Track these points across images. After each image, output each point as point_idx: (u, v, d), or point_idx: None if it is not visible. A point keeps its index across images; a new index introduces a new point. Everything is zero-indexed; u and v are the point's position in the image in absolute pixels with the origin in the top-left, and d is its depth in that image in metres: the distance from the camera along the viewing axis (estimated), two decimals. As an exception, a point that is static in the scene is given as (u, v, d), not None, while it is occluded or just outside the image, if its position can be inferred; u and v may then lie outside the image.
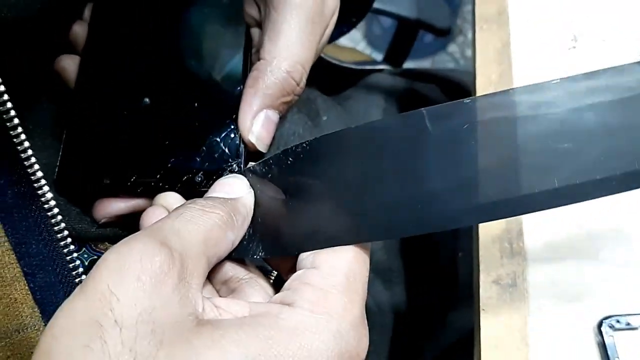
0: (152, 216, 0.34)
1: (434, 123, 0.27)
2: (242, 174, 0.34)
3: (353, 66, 0.71)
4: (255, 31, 0.41)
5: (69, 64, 0.39)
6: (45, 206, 0.33)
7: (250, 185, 0.33)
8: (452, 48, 1.67)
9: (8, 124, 0.31)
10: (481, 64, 0.46)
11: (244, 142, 0.36)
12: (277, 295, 0.29)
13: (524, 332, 0.36)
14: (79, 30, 0.41)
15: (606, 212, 0.40)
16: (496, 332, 0.36)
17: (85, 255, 0.40)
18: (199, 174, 0.35)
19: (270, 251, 0.31)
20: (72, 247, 0.34)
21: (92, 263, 0.40)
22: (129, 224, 0.35)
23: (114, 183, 0.36)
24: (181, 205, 0.30)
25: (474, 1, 0.51)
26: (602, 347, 0.35)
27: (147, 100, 0.38)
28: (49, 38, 0.40)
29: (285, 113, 0.39)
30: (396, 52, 0.90)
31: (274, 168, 0.32)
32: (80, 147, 0.37)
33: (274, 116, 0.37)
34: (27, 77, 0.40)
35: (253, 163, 0.34)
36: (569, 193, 0.25)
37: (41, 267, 0.33)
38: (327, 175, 0.30)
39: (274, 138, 0.38)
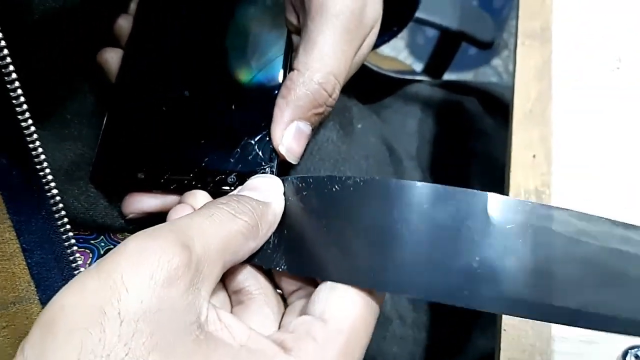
0: (179, 215, 0.34)
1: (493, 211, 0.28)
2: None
3: (392, 74, 0.70)
4: (295, 37, 0.41)
5: (112, 57, 0.40)
6: (46, 187, 0.34)
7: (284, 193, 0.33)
8: (496, 62, 1.65)
9: (18, 108, 0.32)
10: (520, 81, 0.46)
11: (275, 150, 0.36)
12: (278, 333, 0.29)
13: (547, 357, 0.35)
14: (124, 23, 0.41)
15: None
16: (517, 354, 0.35)
17: (102, 244, 0.41)
18: (232, 175, 0.35)
19: (292, 267, 0.31)
20: (68, 226, 0.35)
21: (108, 251, 0.41)
22: (154, 223, 0.36)
23: (148, 178, 0.36)
24: (212, 203, 0.30)
25: (518, 16, 0.50)
26: (627, 377, 0.35)
27: (186, 98, 0.38)
28: (93, 30, 0.41)
29: (320, 124, 0.39)
30: (437, 63, 0.89)
31: (312, 187, 0.32)
32: (117, 141, 0.38)
33: (306, 128, 0.37)
34: (70, 67, 0.40)
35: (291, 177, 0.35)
36: (580, 318, 0.27)
37: (39, 245, 0.34)
38: (369, 217, 0.30)
39: (308, 144, 0.38)
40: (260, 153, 0.36)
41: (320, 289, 0.30)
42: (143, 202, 0.37)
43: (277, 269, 0.31)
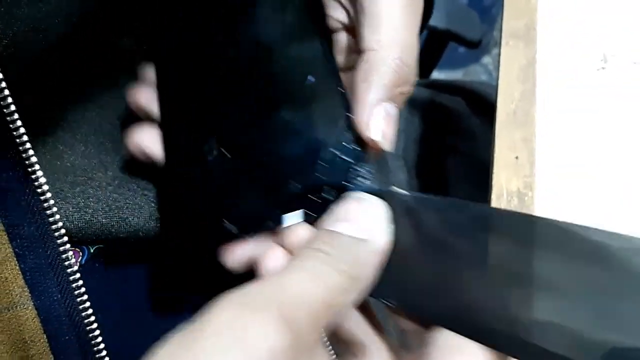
0: (271, 263, 0.31)
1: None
2: (383, 197, 0.29)
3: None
4: (341, 36, 0.38)
5: (148, 138, 0.37)
6: (39, 190, 0.33)
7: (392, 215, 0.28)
8: (486, 60, 1.65)
9: (5, 110, 0.32)
10: (504, 81, 0.45)
11: (360, 145, 0.32)
12: None
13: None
14: (146, 94, 0.38)
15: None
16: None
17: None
18: (327, 190, 0.31)
19: (405, 304, 0.27)
20: (62, 231, 0.34)
21: (97, 250, 0.40)
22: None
23: (236, 224, 0.32)
24: (308, 253, 0.26)
25: (502, 15, 0.50)
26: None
27: (245, 132, 0.35)
28: (76, 55, 0.40)
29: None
30: (424, 62, 0.88)
31: (429, 209, 0.27)
32: (187, 200, 0.34)
33: (393, 110, 0.32)
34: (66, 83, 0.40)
35: (403, 191, 0.29)
36: None
37: (32, 250, 0.33)
38: (505, 260, 0.24)
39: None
40: (345, 158, 0.32)
41: (434, 341, 0.25)
42: (244, 251, 0.33)
43: (385, 301, 0.27)
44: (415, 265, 0.27)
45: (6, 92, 0.31)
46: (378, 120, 0.31)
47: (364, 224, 0.28)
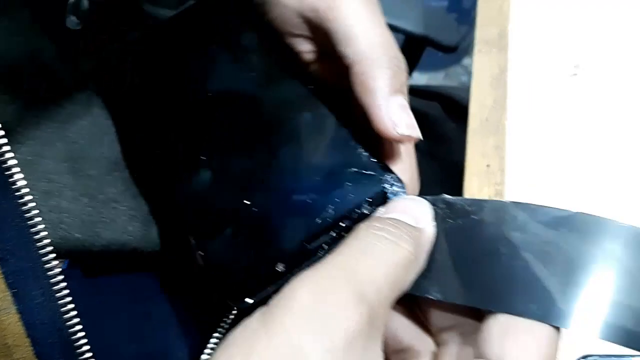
0: None
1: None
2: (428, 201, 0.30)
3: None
4: (315, 66, 0.39)
5: None
6: (17, 194, 0.33)
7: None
8: (467, 61, 1.66)
9: None
10: (476, 88, 0.46)
11: (377, 157, 0.33)
12: None
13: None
14: None
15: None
16: None
17: None
18: (364, 205, 0.31)
19: (450, 295, 0.27)
20: (44, 233, 0.33)
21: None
22: None
23: (289, 264, 0.31)
24: (369, 231, 0.27)
25: (475, 23, 0.50)
26: (581, 387, 0.34)
27: (266, 171, 0.35)
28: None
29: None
30: (402, 66, 0.89)
31: (474, 210, 0.28)
32: (232, 247, 0.33)
33: (403, 100, 0.33)
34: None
35: (447, 196, 0.30)
36: None
37: (13, 253, 0.33)
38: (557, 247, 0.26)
39: None
40: (368, 172, 0.32)
41: (490, 324, 0.26)
42: None
43: (428, 295, 0.28)
44: (452, 258, 0.28)
45: None
46: (398, 115, 0.32)
47: (418, 216, 0.29)
